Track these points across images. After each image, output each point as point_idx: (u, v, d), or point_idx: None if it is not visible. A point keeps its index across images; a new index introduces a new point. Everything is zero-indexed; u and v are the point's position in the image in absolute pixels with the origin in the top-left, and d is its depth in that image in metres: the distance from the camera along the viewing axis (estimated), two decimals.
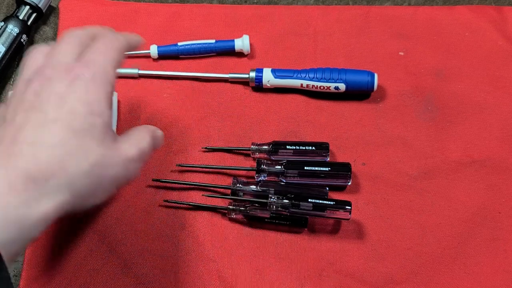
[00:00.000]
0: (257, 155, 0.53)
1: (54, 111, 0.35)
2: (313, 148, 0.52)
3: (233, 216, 0.51)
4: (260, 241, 0.51)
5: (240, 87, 0.58)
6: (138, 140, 0.40)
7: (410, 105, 0.57)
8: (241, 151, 0.55)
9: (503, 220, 0.52)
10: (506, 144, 0.55)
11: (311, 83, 0.55)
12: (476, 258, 0.50)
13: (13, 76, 0.59)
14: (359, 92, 0.56)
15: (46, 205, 0.33)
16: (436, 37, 0.60)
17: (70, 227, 0.51)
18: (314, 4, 0.63)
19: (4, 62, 0.57)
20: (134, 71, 0.57)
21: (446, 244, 0.51)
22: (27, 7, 0.59)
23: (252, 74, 0.56)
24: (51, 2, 0.61)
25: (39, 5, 0.59)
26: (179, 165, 0.53)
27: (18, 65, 0.59)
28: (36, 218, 0.32)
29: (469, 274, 0.50)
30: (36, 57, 0.40)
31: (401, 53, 0.59)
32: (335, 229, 0.51)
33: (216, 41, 0.58)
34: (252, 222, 0.51)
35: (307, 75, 0.55)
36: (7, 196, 0.31)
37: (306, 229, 0.51)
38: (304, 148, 0.52)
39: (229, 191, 0.52)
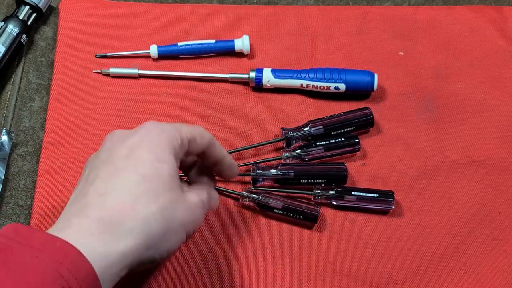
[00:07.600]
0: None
1: (122, 161, 0.38)
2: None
3: (246, 202, 0.51)
4: (260, 241, 0.51)
5: (240, 87, 0.58)
6: (200, 191, 0.43)
7: (410, 105, 0.57)
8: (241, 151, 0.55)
9: (503, 220, 0.52)
10: (506, 144, 0.55)
11: (311, 83, 0.55)
12: (476, 258, 0.50)
13: (13, 76, 0.59)
14: (359, 92, 0.56)
15: (124, 245, 0.36)
16: (436, 37, 0.60)
17: None
18: (314, 4, 0.63)
19: (4, 62, 0.57)
20: (134, 71, 0.57)
21: (446, 244, 0.51)
22: (27, 7, 0.59)
23: (252, 74, 0.56)
24: (51, 2, 0.61)
25: (39, 5, 0.59)
26: None
27: (18, 65, 0.59)
28: (115, 257, 0.35)
29: (469, 274, 0.50)
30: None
31: (401, 53, 0.59)
32: (335, 228, 0.51)
33: (216, 41, 0.58)
34: (264, 211, 0.51)
35: (307, 75, 0.55)
36: (88, 239, 0.35)
37: (314, 225, 0.51)
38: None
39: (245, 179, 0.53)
